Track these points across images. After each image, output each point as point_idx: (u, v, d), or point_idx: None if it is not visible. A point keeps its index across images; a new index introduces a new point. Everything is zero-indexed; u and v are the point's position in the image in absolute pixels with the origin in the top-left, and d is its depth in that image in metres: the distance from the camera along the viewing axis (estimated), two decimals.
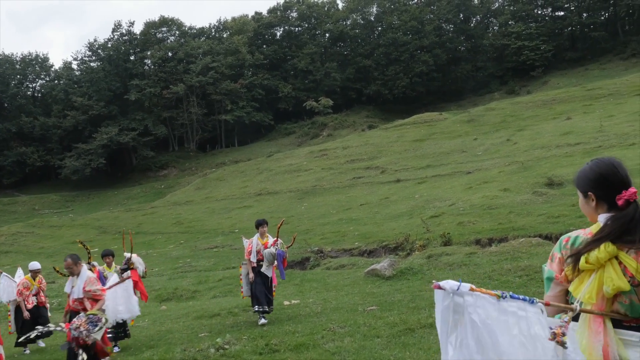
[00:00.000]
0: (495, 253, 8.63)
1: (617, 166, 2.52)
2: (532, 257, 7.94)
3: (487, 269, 7.84)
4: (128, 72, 68.47)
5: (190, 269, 16.99)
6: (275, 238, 8.76)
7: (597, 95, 38.16)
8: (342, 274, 10.79)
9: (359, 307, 8.14)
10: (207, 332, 8.36)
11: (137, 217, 39.47)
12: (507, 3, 78.53)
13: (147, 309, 10.76)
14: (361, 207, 25.34)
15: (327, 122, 65.12)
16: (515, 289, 6.54)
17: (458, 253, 9.29)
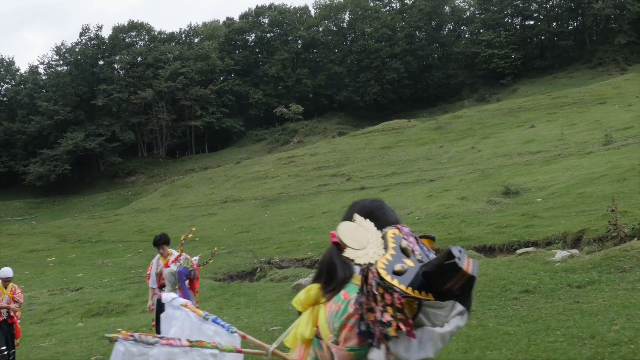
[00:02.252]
0: None
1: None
2: None
3: None
4: (95, 77, 67.36)
5: (139, 280, 16.50)
6: (178, 253, 7.13)
7: (561, 103, 38.48)
8: (275, 288, 10.47)
9: (263, 327, 7.78)
10: (100, 355, 7.89)
11: (100, 224, 38.67)
12: (478, 11, 79.24)
13: (62, 326, 10.25)
14: (323, 215, 25.06)
15: (298, 128, 64.83)
16: None
17: None
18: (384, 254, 1.85)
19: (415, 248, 1.92)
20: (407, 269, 1.82)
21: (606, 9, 66.21)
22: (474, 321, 5.30)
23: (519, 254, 8.11)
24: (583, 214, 11.42)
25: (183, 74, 65.99)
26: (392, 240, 1.90)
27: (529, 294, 6.01)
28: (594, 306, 5.14)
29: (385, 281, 1.77)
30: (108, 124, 64.52)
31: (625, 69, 61.42)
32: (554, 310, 5.26)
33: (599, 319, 4.78)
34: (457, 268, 1.75)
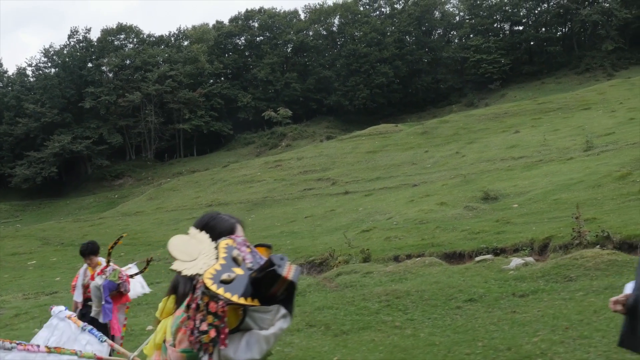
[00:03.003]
0: (388, 273, 8.35)
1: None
2: (411, 279, 7.68)
3: (363, 292, 7.53)
4: (83, 80, 67.04)
5: None
6: (106, 263, 6.23)
7: (546, 109, 38.64)
8: None
9: None
10: None
11: (84, 227, 38.42)
12: (468, 16, 79.55)
13: (21, 332, 10.12)
14: (306, 219, 25.01)
15: (287, 132, 64.79)
16: (354, 315, 6.24)
17: (359, 272, 8.99)
18: (213, 264, 1.97)
19: (246, 257, 2.06)
20: (234, 278, 1.93)
21: (593, 15, 66.69)
22: (409, 331, 5.29)
23: (476, 261, 8.10)
24: (555, 221, 11.44)
25: (171, 77, 65.82)
26: (224, 250, 2.04)
27: (473, 303, 6.00)
28: (527, 316, 5.12)
29: (210, 290, 1.88)
30: (95, 127, 64.23)
31: (613, 74, 61.84)
32: (490, 320, 5.24)
33: (525, 329, 4.77)
34: (277, 275, 1.92)
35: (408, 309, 6.27)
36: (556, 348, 4.33)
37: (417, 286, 7.04)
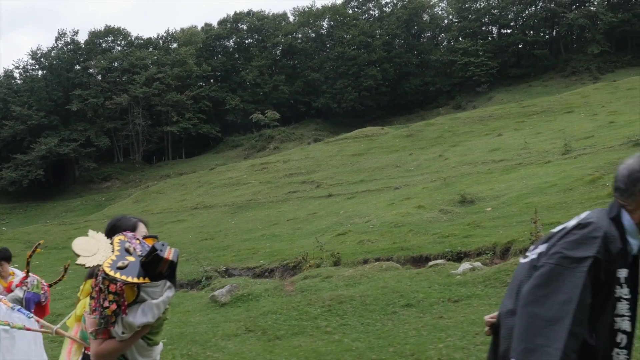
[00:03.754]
0: (346, 278, 8.44)
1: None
2: (364, 284, 7.78)
3: (312, 297, 7.61)
4: (70, 82, 66.88)
5: None
6: (24, 274, 5.67)
7: (530, 112, 38.89)
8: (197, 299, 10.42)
9: None
10: None
11: (69, 231, 38.26)
12: (456, 20, 79.96)
13: None
14: (287, 222, 25.05)
15: (275, 134, 64.86)
16: (293, 320, 6.33)
17: (320, 276, 9.07)
18: (110, 256, 2.56)
19: (136, 247, 2.64)
20: (128, 264, 2.53)
21: (579, 19, 67.23)
22: (336, 336, 5.39)
23: (429, 265, 8.21)
24: (522, 224, 11.57)
25: (159, 79, 65.76)
26: (118, 244, 2.63)
27: (409, 308, 6.10)
28: (450, 322, 5.23)
29: (109, 275, 2.46)
30: (83, 129, 64.10)
31: (599, 78, 62.36)
32: (416, 325, 5.35)
33: (440, 335, 4.88)
34: (160, 257, 2.50)
35: (346, 314, 6.37)
36: (455, 354, 4.45)
37: (364, 291, 7.14)
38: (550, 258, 2.15)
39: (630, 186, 2.22)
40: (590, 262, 2.09)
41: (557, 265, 2.11)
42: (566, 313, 2.03)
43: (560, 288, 2.08)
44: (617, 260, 2.15)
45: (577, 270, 2.08)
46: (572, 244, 2.14)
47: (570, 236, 2.18)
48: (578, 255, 2.10)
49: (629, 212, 2.23)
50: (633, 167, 2.24)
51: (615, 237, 2.16)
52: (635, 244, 2.25)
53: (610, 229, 2.17)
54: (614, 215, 2.24)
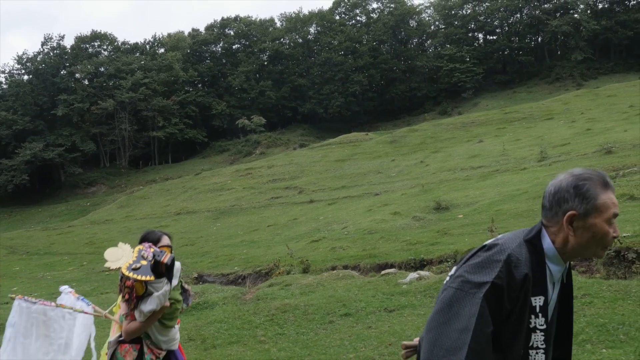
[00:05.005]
0: (303, 286, 8.60)
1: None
2: (317, 292, 7.93)
3: (260, 305, 7.76)
4: (56, 87, 66.70)
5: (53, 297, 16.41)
6: None
7: (512, 118, 39.26)
8: None
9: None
10: None
11: (52, 236, 38.22)
12: (443, 26, 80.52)
13: None
14: (268, 228, 25.20)
15: (261, 140, 64.99)
16: (235, 330, 6.48)
17: (280, 284, 9.22)
18: (129, 261, 3.53)
19: (149, 254, 3.55)
20: (141, 266, 3.48)
21: (563, 26, 67.95)
22: (267, 346, 5.55)
23: (381, 274, 8.38)
24: (488, 232, 11.77)
25: (145, 84, 65.71)
26: (137, 252, 3.59)
27: (347, 317, 6.27)
28: (375, 332, 5.40)
29: (124, 275, 3.46)
30: (68, 134, 63.91)
31: (582, 84, 63.05)
32: (344, 335, 5.51)
33: (358, 345, 5.04)
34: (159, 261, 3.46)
35: (286, 323, 6.53)
36: None
37: (310, 300, 7.30)
38: (454, 282, 1.97)
39: (554, 206, 1.98)
40: (487, 288, 1.88)
41: (458, 290, 1.93)
42: (463, 343, 1.85)
43: (459, 315, 1.90)
44: (525, 286, 1.92)
45: (476, 296, 1.88)
46: (475, 268, 1.95)
47: (474, 258, 1.99)
48: (478, 280, 1.91)
49: (551, 235, 2.00)
50: (561, 185, 1.99)
51: (520, 262, 1.93)
52: (558, 270, 2.03)
53: (517, 252, 1.95)
54: (529, 237, 2.01)
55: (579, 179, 1.97)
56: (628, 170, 16.89)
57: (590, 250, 2.00)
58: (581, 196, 1.94)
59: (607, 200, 1.95)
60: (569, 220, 1.94)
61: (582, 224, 1.94)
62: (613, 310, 5.12)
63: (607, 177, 2.01)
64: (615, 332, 4.78)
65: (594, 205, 1.92)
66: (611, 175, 16.60)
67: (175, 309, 3.70)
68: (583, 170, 2.01)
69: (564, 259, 2.02)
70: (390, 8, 79.23)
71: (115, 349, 3.69)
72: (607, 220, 1.94)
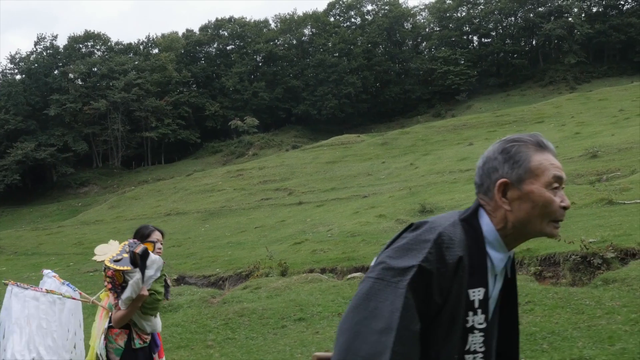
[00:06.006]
0: (271, 289, 8.55)
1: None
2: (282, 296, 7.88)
3: (222, 309, 7.71)
4: (48, 87, 66.52)
5: None
6: None
7: (503, 121, 39.30)
8: None
9: None
10: None
11: (41, 236, 38.03)
12: (438, 28, 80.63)
13: None
14: (255, 230, 25.12)
15: (254, 141, 64.89)
16: (188, 334, 6.44)
17: (251, 287, 9.16)
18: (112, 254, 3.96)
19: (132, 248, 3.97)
20: (122, 258, 3.90)
21: (556, 30, 68.10)
22: (212, 350, 5.51)
23: (347, 278, 8.34)
24: None
25: (138, 85, 65.58)
26: (122, 247, 4.02)
27: (300, 322, 6.22)
28: (320, 338, 5.34)
29: (107, 265, 3.90)
30: (60, 134, 63.71)
31: (575, 87, 63.19)
32: (291, 340, 5.47)
33: (296, 351, 4.99)
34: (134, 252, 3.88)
35: (239, 327, 6.49)
36: None
37: (270, 304, 7.26)
38: (372, 271, 1.57)
39: (485, 179, 1.67)
40: (413, 274, 1.49)
41: (377, 280, 1.53)
42: (384, 347, 1.45)
43: (379, 311, 1.49)
44: (460, 274, 1.53)
45: (399, 286, 1.48)
46: (398, 251, 1.56)
47: (399, 241, 1.61)
48: (401, 265, 1.51)
49: (489, 215, 1.65)
50: (488, 154, 1.69)
51: (453, 242, 1.54)
52: (500, 259, 1.66)
53: (450, 231, 1.56)
54: (465, 215, 1.65)
55: (507, 142, 1.68)
56: (612, 174, 16.91)
57: (535, 225, 1.62)
58: (511, 160, 1.63)
59: (543, 161, 1.63)
60: (500, 190, 1.62)
61: (518, 193, 1.61)
62: (549, 319, 5.10)
63: (542, 137, 1.69)
64: (541, 342, 4.83)
65: (527, 168, 1.61)
66: (594, 180, 16.62)
67: (155, 299, 4.06)
68: (514, 134, 1.71)
69: (507, 243, 1.65)
70: (385, 10, 79.30)
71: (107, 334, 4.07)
72: (547, 185, 1.60)
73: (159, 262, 4.05)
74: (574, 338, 4.76)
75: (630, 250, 7.05)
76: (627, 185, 13.61)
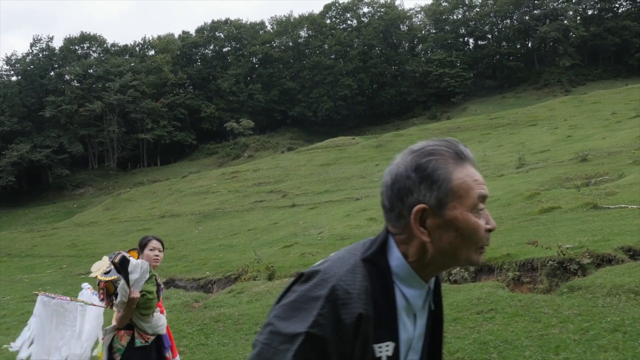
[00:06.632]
0: (253, 294, 8.61)
1: None
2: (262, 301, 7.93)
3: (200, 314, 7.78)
4: (44, 88, 66.55)
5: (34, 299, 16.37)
6: None
7: (497, 124, 39.43)
8: None
9: None
10: None
11: (35, 238, 38.06)
12: (434, 30, 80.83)
13: None
14: (248, 232, 25.17)
15: (250, 143, 64.96)
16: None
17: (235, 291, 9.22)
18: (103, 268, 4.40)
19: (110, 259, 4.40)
20: (110, 270, 4.28)
21: (551, 32, 68.34)
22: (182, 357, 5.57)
23: None
24: None
25: (134, 86, 65.62)
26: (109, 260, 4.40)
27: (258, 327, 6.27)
28: None
29: (98, 279, 4.35)
30: (56, 136, 63.72)
31: (570, 90, 63.41)
32: (245, 344, 5.52)
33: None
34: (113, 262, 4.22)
35: (213, 333, 6.56)
36: None
37: (247, 309, 7.32)
38: (262, 333, 1.34)
39: (396, 203, 1.37)
40: (300, 343, 1.25)
41: (265, 346, 1.30)
42: None
43: None
44: (362, 332, 1.29)
45: (286, 356, 1.25)
46: (287, 310, 1.32)
47: (289, 295, 1.36)
48: (288, 331, 1.27)
49: (401, 245, 1.36)
50: (398, 170, 1.38)
51: (351, 296, 1.28)
52: (417, 296, 1.40)
53: (346, 282, 1.30)
54: (369, 254, 1.37)
55: (421, 156, 1.37)
56: (600, 178, 17.00)
57: (460, 256, 1.35)
58: (428, 179, 1.32)
59: (465, 178, 1.34)
60: (418, 218, 1.31)
61: (439, 220, 1.31)
62: (507, 327, 5.18)
63: (461, 145, 1.41)
64: (492, 350, 4.91)
65: (449, 189, 1.31)
66: (583, 183, 16.71)
67: (147, 299, 4.33)
68: (426, 141, 1.44)
69: (423, 276, 1.38)
70: (381, 12, 79.47)
71: (114, 335, 4.39)
72: (472, 207, 1.32)
73: (142, 264, 4.28)
74: (524, 347, 4.88)
75: (607, 256, 7.14)
76: (613, 189, 13.70)
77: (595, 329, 5.03)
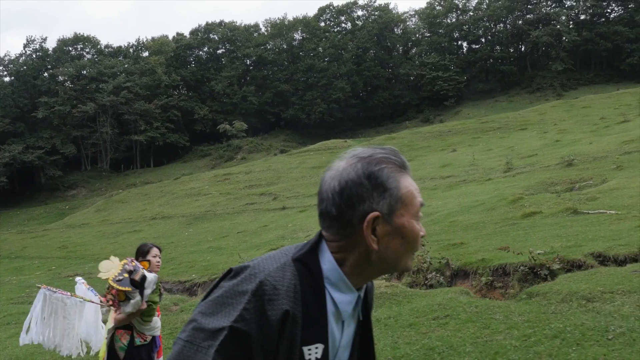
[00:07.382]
0: None
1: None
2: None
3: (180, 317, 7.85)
4: (37, 89, 66.50)
5: (22, 301, 16.43)
6: None
7: (487, 128, 39.62)
8: None
9: None
10: None
11: (26, 239, 38.03)
12: (427, 34, 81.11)
13: None
14: (237, 235, 25.25)
15: (243, 145, 65.07)
16: None
17: None
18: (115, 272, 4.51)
19: (130, 268, 4.52)
20: (123, 279, 4.46)
21: (544, 37, 68.70)
22: None
23: None
24: (435, 244, 11.92)
25: (127, 88, 65.62)
26: (122, 266, 4.56)
27: None
28: None
29: (111, 284, 4.47)
30: (49, 137, 63.67)
31: (562, 94, 63.75)
32: None
33: None
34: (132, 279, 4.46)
35: None
36: None
37: None
38: (184, 330, 1.29)
39: (345, 210, 1.31)
40: (222, 338, 1.22)
41: (187, 343, 1.26)
42: None
43: None
44: (288, 331, 1.26)
45: (209, 352, 1.22)
46: (212, 305, 1.28)
47: (216, 291, 1.33)
48: (212, 326, 1.24)
49: (336, 251, 1.34)
50: (349, 176, 1.32)
51: (278, 292, 1.25)
52: (347, 302, 1.36)
53: (275, 278, 1.27)
54: (300, 254, 1.35)
55: (372, 163, 1.33)
56: (584, 183, 17.16)
57: (400, 262, 1.35)
58: (380, 187, 1.30)
59: (409, 186, 1.36)
60: (370, 226, 1.29)
61: (388, 228, 1.30)
62: (456, 333, 5.29)
63: (400, 154, 1.41)
64: (436, 357, 5.00)
65: (398, 197, 1.32)
66: (567, 188, 16.87)
67: (152, 308, 4.72)
68: (370, 149, 1.37)
69: (356, 283, 1.36)
70: (375, 16, 79.74)
71: (114, 334, 4.70)
72: (415, 215, 1.35)
73: (154, 279, 4.68)
74: (466, 353, 4.96)
75: (577, 262, 7.27)
76: (594, 194, 13.85)
77: (537, 336, 5.15)
